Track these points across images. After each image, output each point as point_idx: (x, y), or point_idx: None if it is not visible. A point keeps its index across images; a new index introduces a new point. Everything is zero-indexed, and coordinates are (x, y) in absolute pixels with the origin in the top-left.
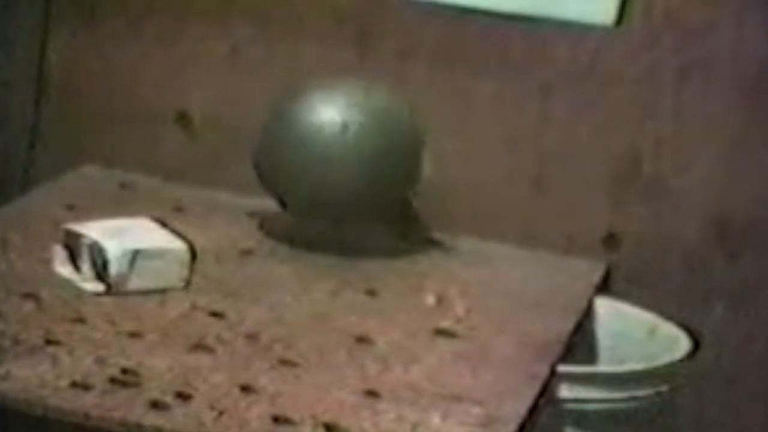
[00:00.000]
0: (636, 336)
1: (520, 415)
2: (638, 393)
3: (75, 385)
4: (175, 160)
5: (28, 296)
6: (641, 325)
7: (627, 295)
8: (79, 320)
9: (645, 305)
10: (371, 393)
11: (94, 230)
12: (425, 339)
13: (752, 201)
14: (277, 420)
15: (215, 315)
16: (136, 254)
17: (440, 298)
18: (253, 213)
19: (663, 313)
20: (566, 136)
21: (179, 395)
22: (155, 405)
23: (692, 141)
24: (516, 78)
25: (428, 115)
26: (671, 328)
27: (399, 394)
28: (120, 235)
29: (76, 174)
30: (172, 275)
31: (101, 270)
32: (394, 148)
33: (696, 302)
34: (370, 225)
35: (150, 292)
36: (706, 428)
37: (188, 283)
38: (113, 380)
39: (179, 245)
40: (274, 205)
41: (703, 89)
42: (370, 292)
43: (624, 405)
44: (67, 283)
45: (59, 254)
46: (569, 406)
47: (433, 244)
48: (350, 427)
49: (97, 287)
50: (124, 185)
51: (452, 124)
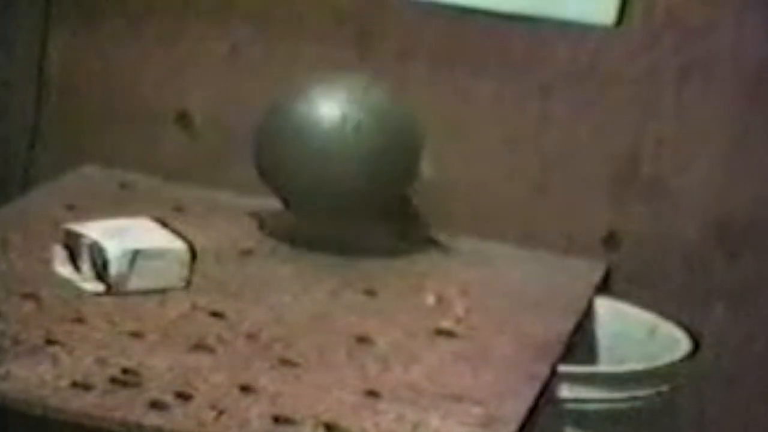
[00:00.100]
0: (636, 336)
1: (520, 415)
2: (638, 393)
3: (75, 385)
4: (175, 160)
5: (28, 296)
6: (641, 325)
7: (627, 295)
8: (79, 320)
9: (645, 305)
10: (371, 393)
11: (94, 230)
12: (425, 339)
13: (752, 201)
14: (277, 420)
15: (215, 315)
16: (136, 254)
17: (440, 298)
18: (254, 213)
19: (663, 313)
20: (566, 136)
21: (179, 395)
22: (155, 405)
23: (692, 141)
24: (516, 78)
25: (428, 115)
26: (671, 328)
27: (399, 394)
28: (120, 235)
29: (76, 174)
30: (172, 275)
31: (101, 270)
32: (393, 144)
33: (696, 302)
34: (370, 222)
35: (150, 292)
36: (706, 428)
37: (188, 283)
38: (113, 380)
39: (179, 245)
40: (274, 205)
41: (703, 89)
42: (370, 292)
43: (624, 405)
44: (67, 283)
45: (59, 254)
46: (569, 406)
47: (433, 244)
48: (350, 427)
49: (97, 287)
50: (124, 185)
51: (452, 124)
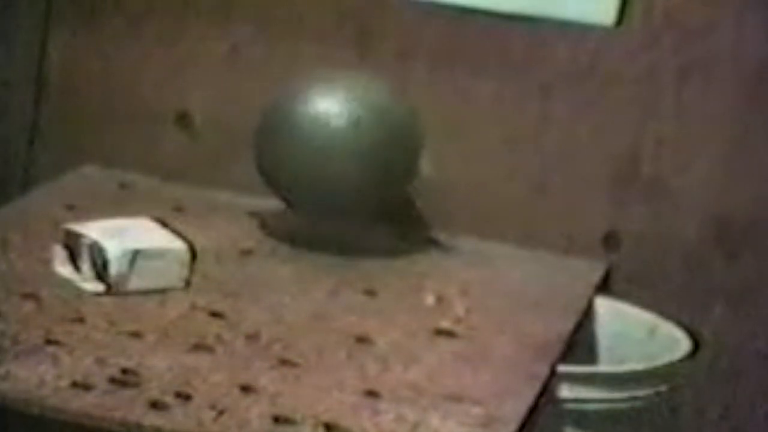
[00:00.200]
0: (636, 336)
1: (520, 415)
2: (638, 393)
3: (75, 385)
4: (175, 160)
5: (28, 296)
6: (641, 325)
7: (627, 295)
8: (79, 320)
9: (645, 305)
10: (371, 393)
11: (94, 230)
12: (425, 339)
13: (752, 201)
14: (277, 420)
15: (215, 315)
16: (136, 254)
17: (440, 298)
18: (254, 213)
19: (663, 313)
20: (566, 136)
21: (179, 395)
22: (155, 405)
23: (692, 141)
24: (516, 78)
25: (428, 115)
26: (671, 328)
27: (399, 394)
28: (120, 235)
29: (76, 174)
30: (172, 275)
31: (101, 270)
32: (393, 141)
33: (696, 302)
34: (370, 221)
35: (150, 292)
36: (706, 428)
37: (188, 283)
38: (113, 380)
39: (179, 245)
40: (275, 205)
41: (703, 89)
42: (370, 292)
43: (624, 405)
44: (67, 283)
45: (59, 254)
46: (569, 406)
47: (433, 244)
48: (350, 427)
49: (97, 287)
50: (124, 185)
51: (452, 124)
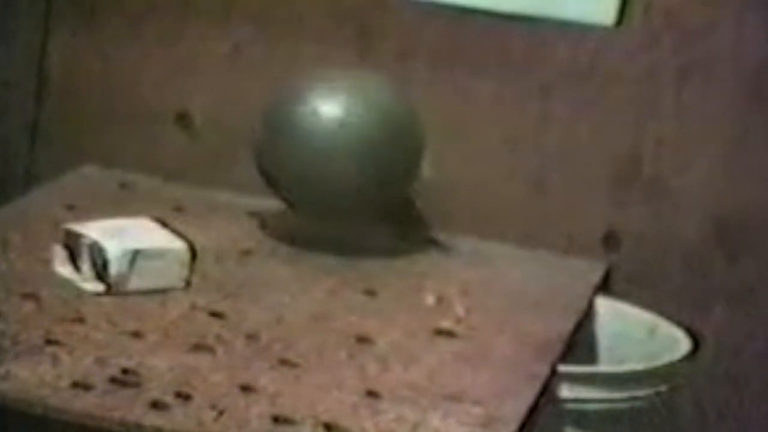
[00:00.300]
0: (636, 336)
1: (520, 415)
2: (638, 393)
3: (75, 385)
4: (175, 160)
5: (28, 296)
6: (641, 325)
7: (627, 295)
8: (79, 320)
9: (645, 305)
10: (371, 393)
11: (94, 230)
12: (425, 339)
13: (752, 201)
14: (277, 420)
15: (215, 315)
16: (136, 254)
17: (440, 298)
18: (254, 213)
19: (663, 313)
20: (566, 136)
21: (179, 395)
22: (155, 405)
23: (692, 141)
24: (516, 78)
25: (428, 115)
26: (671, 328)
27: (399, 394)
28: (120, 235)
29: (76, 174)
30: (172, 275)
31: (101, 270)
32: (394, 141)
33: (696, 302)
34: (371, 220)
35: (150, 292)
36: (706, 428)
37: (188, 283)
38: (113, 380)
39: (179, 245)
40: (275, 205)
41: (703, 89)
42: (370, 292)
43: (624, 405)
44: (67, 283)
45: (59, 254)
46: (569, 406)
47: (433, 244)
48: (350, 427)
49: (97, 287)
50: (124, 185)
51: (452, 124)
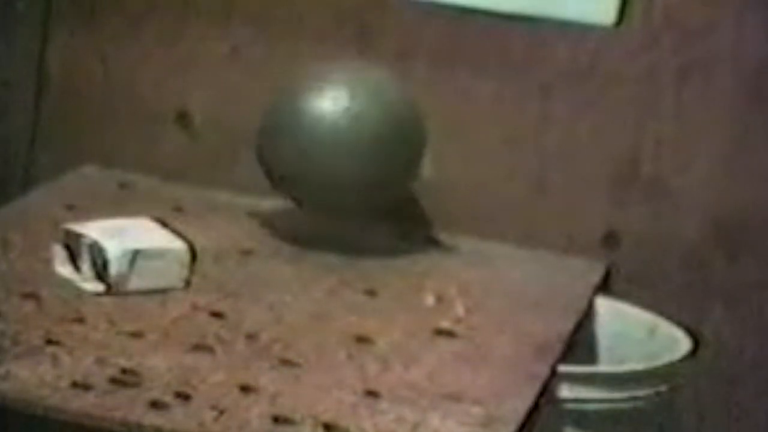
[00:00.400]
0: (636, 336)
1: (520, 415)
2: (638, 393)
3: (75, 385)
4: (175, 160)
5: (28, 296)
6: (641, 325)
7: (627, 295)
8: (79, 320)
9: (645, 305)
10: (371, 393)
11: (94, 230)
12: (425, 339)
13: (752, 201)
14: (277, 420)
15: (215, 315)
16: (136, 254)
17: (440, 298)
18: (254, 213)
19: (663, 313)
20: (566, 136)
21: (179, 395)
22: (155, 405)
23: (692, 141)
24: (516, 78)
25: (428, 115)
26: (671, 328)
27: (399, 394)
28: (120, 235)
29: (76, 174)
30: (172, 275)
31: (101, 270)
32: (396, 134)
33: (696, 302)
34: (373, 215)
35: (150, 292)
36: (706, 428)
37: (188, 283)
38: (113, 380)
39: (179, 245)
40: (274, 205)
41: (703, 89)
42: (370, 292)
43: (624, 405)
44: (67, 283)
45: (59, 254)
46: (569, 406)
47: (433, 244)
48: (350, 427)
49: (97, 287)
50: (124, 185)
51: (452, 124)
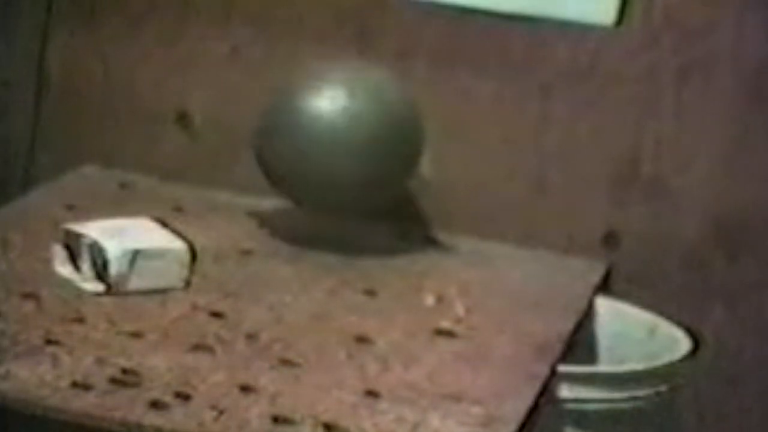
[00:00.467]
0: (636, 336)
1: (520, 415)
2: (638, 393)
3: (75, 385)
4: (175, 160)
5: (28, 296)
6: (641, 325)
7: (627, 295)
8: (79, 320)
9: (645, 305)
10: (371, 393)
11: (94, 230)
12: (425, 339)
13: (752, 201)
14: (277, 420)
15: (215, 315)
16: (137, 254)
17: (440, 298)
18: (253, 213)
19: (663, 313)
20: (566, 136)
21: (179, 395)
22: (155, 405)
23: (692, 141)
24: (516, 78)
25: (428, 115)
26: (671, 328)
27: (399, 394)
28: (120, 235)
29: (76, 174)
30: (172, 275)
31: (101, 270)
32: (394, 133)
33: (696, 302)
34: (373, 214)
35: (150, 292)
36: (706, 428)
37: (188, 283)
38: (113, 380)
39: (179, 245)
40: (274, 205)
41: (703, 89)
42: (370, 292)
43: (624, 405)
44: (67, 283)
45: (59, 254)
46: (569, 406)
47: (433, 244)
48: (350, 427)
49: (97, 287)
50: (124, 185)
51: (452, 124)
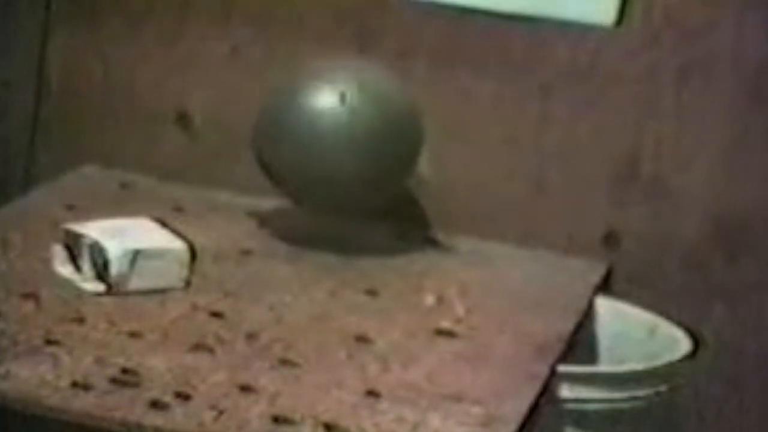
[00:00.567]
0: (636, 336)
1: (520, 415)
2: (638, 393)
3: (75, 385)
4: (175, 160)
5: (28, 296)
6: (641, 325)
7: (627, 295)
8: (79, 320)
9: (645, 305)
10: (371, 393)
11: (94, 230)
12: (425, 339)
13: (752, 201)
14: (277, 420)
15: (215, 315)
16: (137, 254)
17: (440, 298)
18: (253, 213)
19: (663, 313)
20: (566, 136)
21: (179, 395)
22: (155, 405)
23: (692, 141)
24: (516, 78)
25: (428, 115)
26: (671, 328)
27: (399, 394)
28: (120, 235)
29: (76, 174)
30: (172, 275)
31: (101, 270)
32: (392, 131)
33: (696, 302)
34: (371, 212)
35: (150, 292)
36: (706, 428)
37: (188, 283)
38: (113, 380)
39: (179, 245)
40: (274, 205)
41: (703, 89)
42: (370, 292)
43: (624, 405)
44: (67, 283)
45: (59, 254)
46: (569, 406)
47: (433, 244)
48: (350, 427)
49: (98, 287)
50: (124, 185)
51: (452, 124)
